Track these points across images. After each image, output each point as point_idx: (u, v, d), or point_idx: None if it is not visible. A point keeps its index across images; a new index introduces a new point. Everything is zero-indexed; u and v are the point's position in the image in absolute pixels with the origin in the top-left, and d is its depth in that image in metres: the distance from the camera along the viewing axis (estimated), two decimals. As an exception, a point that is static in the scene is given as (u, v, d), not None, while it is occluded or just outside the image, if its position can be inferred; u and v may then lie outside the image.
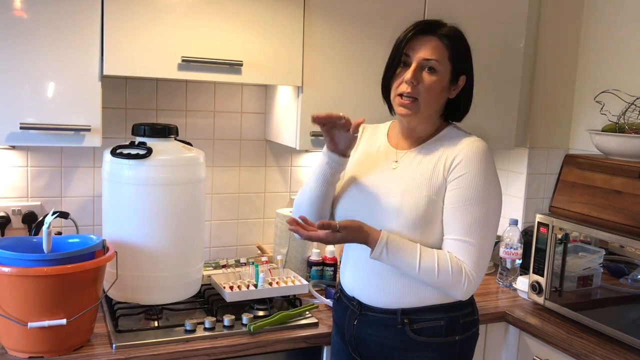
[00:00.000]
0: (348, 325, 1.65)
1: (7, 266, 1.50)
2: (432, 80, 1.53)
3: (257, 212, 2.43)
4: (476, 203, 1.49)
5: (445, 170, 1.52)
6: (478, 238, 1.49)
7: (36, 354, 1.58)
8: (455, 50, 1.56)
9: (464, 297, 1.53)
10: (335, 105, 2.08)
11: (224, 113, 2.32)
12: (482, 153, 1.52)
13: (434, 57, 1.52)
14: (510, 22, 2.33)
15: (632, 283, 1.94)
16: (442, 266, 1.47)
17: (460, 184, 1.50)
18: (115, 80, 2.12)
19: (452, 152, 1.54)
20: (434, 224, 1.52)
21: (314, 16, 2.00)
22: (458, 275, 1.47)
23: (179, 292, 1.88)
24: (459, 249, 1.49)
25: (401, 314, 1.55)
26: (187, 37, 1.83)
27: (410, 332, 1.55)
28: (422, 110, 1.55)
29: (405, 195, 1.52)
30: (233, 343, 1.72)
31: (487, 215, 1.51)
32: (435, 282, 1.49)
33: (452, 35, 1.56)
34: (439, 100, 1.57)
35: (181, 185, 1.83)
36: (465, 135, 1.59)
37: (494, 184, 1.53)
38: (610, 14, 2.45)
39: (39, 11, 1.69)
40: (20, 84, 1.70)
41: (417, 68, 1.53)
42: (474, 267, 1.49)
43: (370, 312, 1.59)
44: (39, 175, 2.09)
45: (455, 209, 1.50)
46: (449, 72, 1.55)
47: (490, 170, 1.53)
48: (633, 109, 2.21)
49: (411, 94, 1.52)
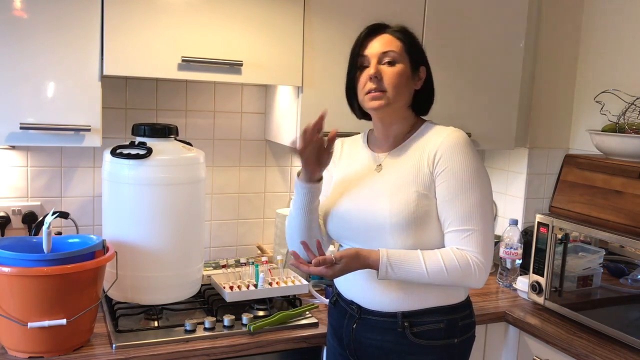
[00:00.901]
0: (346, 329, 1.64)
1: (7, 266, 1.50)
2: (394, 71, 1.53)
3: (257, 212, 2.43)
4: (468, 190, 1.49)
5: (430, 164, 1.52)
6: (478, 224, 1.49)
7: (36, 354, 1.58)
8: (410, 43, 1.57)
9: (480, 285, 1.53)
10: (335, 105, 2.08)
11: (224, 113, 2.32)
12: (462, 141, 1.52)
13: (390, 49, 1.54)
14: (510, 22, 2.33)
15: (632, 283, 1.94)
16: (448, 263, 1.47)
17: (448, 176, 1.50)
18: (115, 80, 2.12)
19: (433, 145, 1.53)
20: (428, 220, 1.51)
21: (314, 16, 2.00)
22: (467, 267, 1.47)
23: (179, 292, 1.88)
24: (462, 240, 1.49)
25: (402, 317, 1.54)
26: (187, 37, 1.83)
27: (410, 335, 1.54)
28: (392, 101, 1.54)
29: (394, 195, 1.52)
30: (233, 343, 1.72)
31: (481, 200, 1.51)
32: (447, 280, 1.49)
33: (403, 31, 1.59)
34: (405, 90, 1.56)
35: (181, 185, 1.83)
36: (441, 127, 1.59)
37: (480, 168, 1.53)
38: (610, 14, 2.45)
39: (39, 11, 1.69)
40: (20, 84, 1.70)
41: (377, 63, 1.54)
42: (481, 252, 1.49)
43: (370, 315, 1.58)
44: (39, 175, 2.09)
45: (448, 201, 1.50)
46: (408, 62, 1.56)
47: (474, 156, 1.53)
48: (633, 109, 2.21)
49: (377, 88, 1.53)
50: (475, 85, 2.30)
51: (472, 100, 2.30)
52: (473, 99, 2.30)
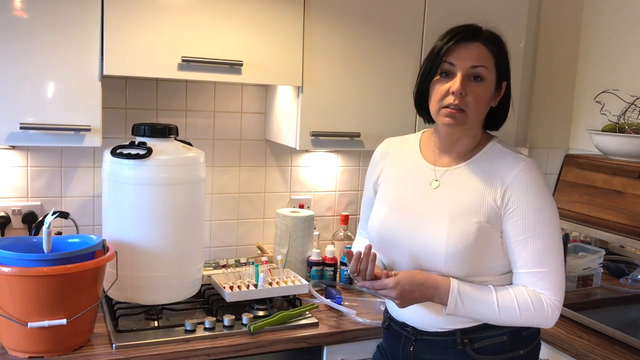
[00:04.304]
0: (403, 352, 1.55)
1: (7, 266, 1.50)
2: (480, 89, 1.42)
3: (257, 212, 2.43)
4: (542, 230, 1.42)
5: (498, 198, 1.43)
6: (552, 264, 1.43)
7: (36, 354, 1.58)
8: (500, 56, 1.46)
9: (551, 325, 1.46)
10: (335, 105, 2.08)
11: (224, 113, 2.32)
12: (535, 176, 1.44)
13: (482, 64, 1.42)
14: (510, 22, 2.32)
15: (632, 283, 1.94)
16: (522, 303, 1.41)
17: (521, 215, 1.41)
18: (115, 80, 2.12)
19: (503, 177, 1.44)
20: (485, 252, 1.43)
21: (314, 16, 2.00)
22: (540, 308, 1.41)
23: (179, 292, 1.88)
24: (536, 281, 1.43)
25: (460, 334, 1.46)
26: (187, 37, 1.83)
27: (471, 352, 1.46)
28: (470, 122, 1.44)
29: (453, 223, 1.42)
30: (233, 343, 1.72)
31: (553, 238, 1.44)
32: (519, 321, 1.43)
33: (495, 40, 1.47)
34: (485, 110, 1.47)
35: (181, 185, 1.83)
36: (512, 154, 1.48)
37: (551, 206, 1.45)
38: (610, 14, 2.45)
39: (39, 11, 1.69)
40: (20, 84, 1.70)
41: (464, 77, 1.41)
42: (555, 294, 1.43)
43: (427, 336, 1.50)
44: (39, 175, 2.09)
45: (521, 241, 1.42)
46: (494, 79, 1.45)
47: (546, 194, 1.45)
48: (633, 109, 2.21)
49: (459, 106, 1.41)
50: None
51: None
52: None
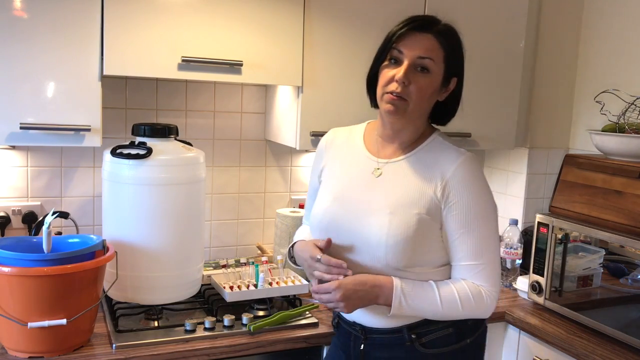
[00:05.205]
0: (354, 350, 1.59)
1: (7, 266, 1.50)
2: (424, 81, 1.44)
3: (257, 212, 2.43)
4: (480, 223, 1.46)
5: (439, 191, 1.45)
6: (489, 256, 1.47)
7: (36, 354, 1.58)
8: (451, 51, 1.47)
9: (488, 315, 1.51)
10: (335, 105, 2.08)
11: (224, 113, 2.32)
12: (474, 173, 1.47)
13: (429, 56, 1.43)
14: (510, 22, 2.33)
15: (632, 283, 1.94)
16: (463, 297, 1.45)
17: (461, 209, 1.45)
18: (115, 80, 2.12)
19: (443, 171, 1.46)
20: (424, 242, 1.46)
21: (314, 16, 2.00)
22: (480, 300, 1.46)
23: (179, 292, 1.88)
24: (474, 274, 1.47)
25: (407, 331, 1.50)
26: (187, 37, 1.83)
27: (420, 347, 1.50)
28: (410, 112, 1.46)
29: (394, 214, 1.44)
30: (233, 343, 1.72)
31: (490, 231, 1.48)
32: (461, 314, 1.47)
33: (449, 34, 1.48)
34: (428, 103, 1.49)
35: (181, 185, 1.83)
36: (453, 148, 1.51)
37: (489, 199, 1.50)
38: (610, 14, 2.45)
39: (39, 11, 1.69)
40: (20, 84, 1.70)
41: (410, 67, 1.43)
42: (492, 285, 1.48)
43: (375, 334, 1.54)
44: (39, 175, 2.09)
45: (461, 234, 1.46)
46: (442, 73, 1.46)
47: (484, 188, 1.49)
48: (633, 109, 2.21)
49: (401, 94, 1.43)
50: (475, 85, 2.30)
51: (472, 100, 2.30)
52: (473, 98, 2.30)
